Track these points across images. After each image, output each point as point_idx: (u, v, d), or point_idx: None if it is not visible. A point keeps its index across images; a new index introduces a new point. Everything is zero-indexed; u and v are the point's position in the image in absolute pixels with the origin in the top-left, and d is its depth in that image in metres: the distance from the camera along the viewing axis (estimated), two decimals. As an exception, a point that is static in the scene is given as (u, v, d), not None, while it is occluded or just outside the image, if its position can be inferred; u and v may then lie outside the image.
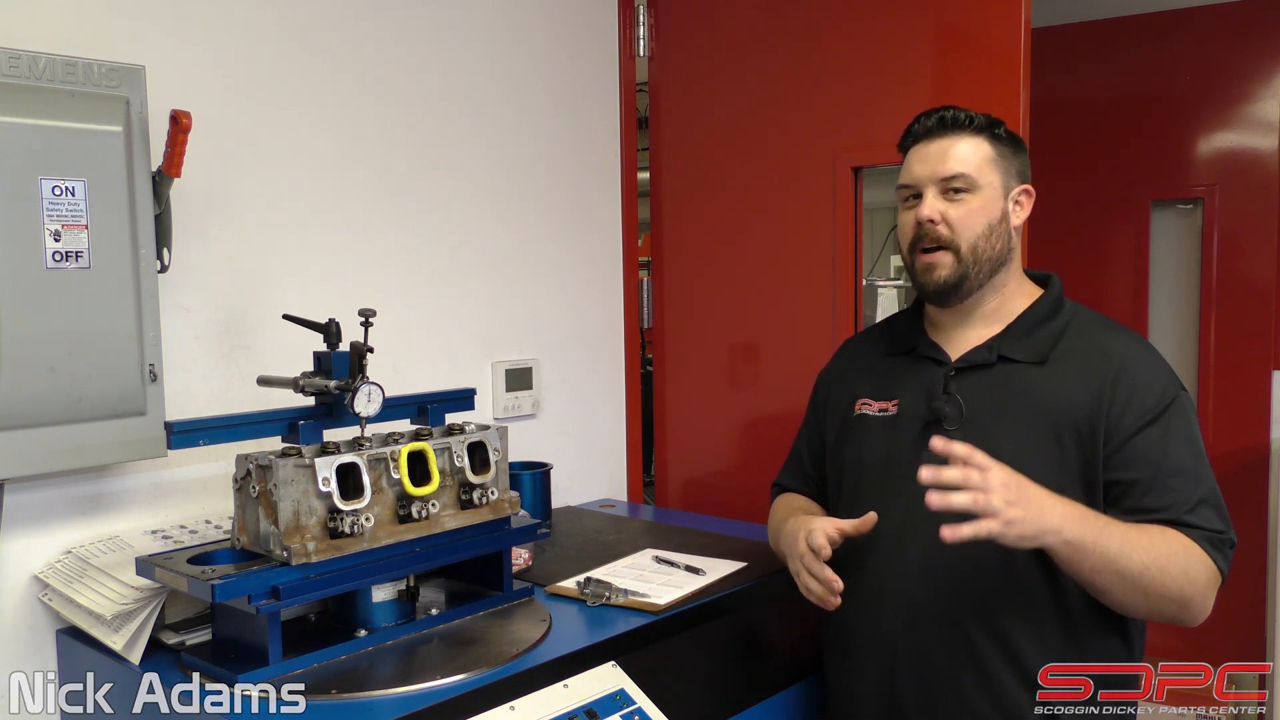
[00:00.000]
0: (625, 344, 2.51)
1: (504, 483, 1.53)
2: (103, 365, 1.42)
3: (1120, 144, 3.20)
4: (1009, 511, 1.17)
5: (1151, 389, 1.36)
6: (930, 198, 1.42)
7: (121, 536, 1.56)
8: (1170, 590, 1.26)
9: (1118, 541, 1.24)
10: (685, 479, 2.53)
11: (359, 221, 1.91)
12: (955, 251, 1.41)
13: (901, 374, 1.51)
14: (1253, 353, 3.01)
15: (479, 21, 2.13)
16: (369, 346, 1.43)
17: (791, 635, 1.73)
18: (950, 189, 1.41)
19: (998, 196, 1.42)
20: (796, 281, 2.26)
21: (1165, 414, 1.35)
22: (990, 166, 1.42)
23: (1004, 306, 1.46)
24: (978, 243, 1.40)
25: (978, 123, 1.43)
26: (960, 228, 1.40)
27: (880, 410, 1.51)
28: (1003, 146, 1.44)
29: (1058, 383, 1.38)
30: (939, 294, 1.44)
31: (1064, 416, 1.36)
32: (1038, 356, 1.40)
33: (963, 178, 1.41)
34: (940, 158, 1.42)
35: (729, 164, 2.37)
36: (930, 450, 1.23)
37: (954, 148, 1.42)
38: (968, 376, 1.44)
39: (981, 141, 1.43)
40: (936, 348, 1.49)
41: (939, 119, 1.44)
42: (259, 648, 1.29)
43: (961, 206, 1.41)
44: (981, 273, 1.42)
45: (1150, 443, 1.33)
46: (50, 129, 1.36)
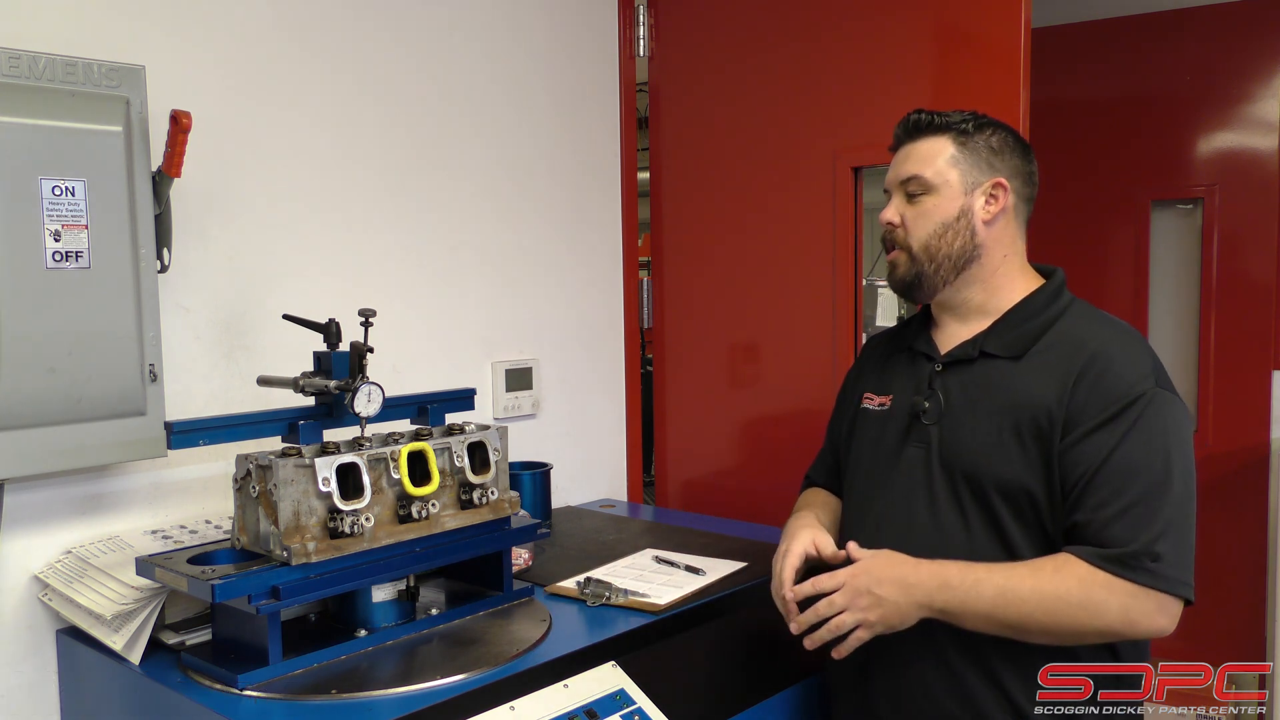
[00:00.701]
0: (625, 344, 2.51)
1: (504, 483, 1.53)
2: (103, 365, 1.42)
3: (1120, 144, 3.20)
4: (867, 615, 1.33)
5: (1121, 381, 1.31)
6: (894, 200, 1.48)
7: (121, 536, 1.56)
8: (1071, 626, 1.26)
9: (989, 598, 1.28)
10: (685, 479, 2.53)
11: (359, 221, 1.91)
12: (908, 251, 1.46)
13: (898, 370, 1.55)
14: (1253, 353, 3.01)
15: (479, 21, 2.13)
16: (369, 346, 1.43)
17: (791, 635, 1.73)
18: (908, 191, 1.46)
19: (955, 195, 1.43)
20: (796, 281, 2.26)
21: (1128, 410, 1.29)
22: (950, 165, 1.43)
23: (992, 301, 1.46)
24: (929, 242, 1.43)
25: (939, 123, 1.45)
26: (911, 228, 1.45)
27: (879, 405, 1.55)
28: (972, 142, 1.44)
29: (1031, 377, 1.37)
30: (901, 292, 1.50)
31: (1026, 411, 1.35)
32: (1015, 351, 1.40)
33: (916, 180, 1.44)
34: (902, 160, 1.48)
35: (729, 164, 2.37)
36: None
37: (915, 150, 1.46)
38: (952, 372, 1.46)
39: (944, 141, 1.44)
40: (930, 344, 1.51)
41: (904, 123, 1.49)
42: (259, 648, 1.29)
43: (916, 208, 1.45)
44: (941, 270, 1.44)
45: (1100, 442, 1.29)
46: (50, 129, 1.36)
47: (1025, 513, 1.35)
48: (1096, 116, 3.22)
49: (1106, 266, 3.28)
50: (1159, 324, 3.21)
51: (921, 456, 1.44)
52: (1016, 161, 1.46)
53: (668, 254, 2.52)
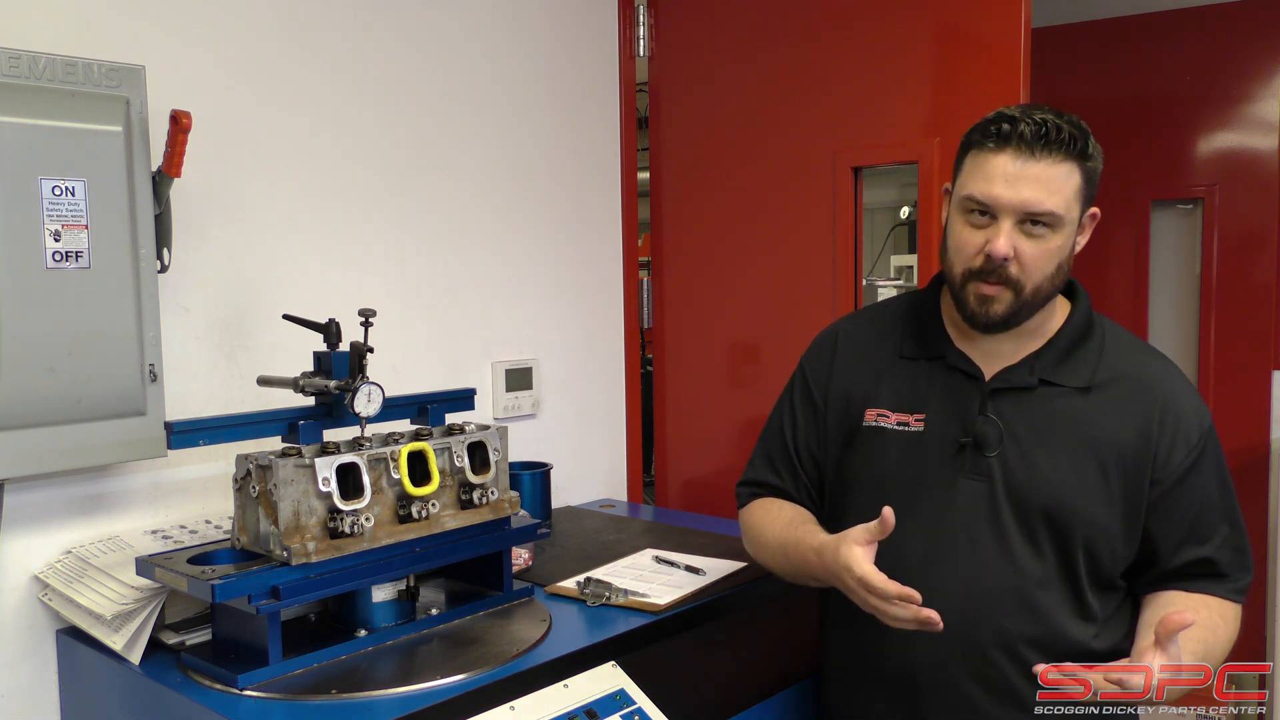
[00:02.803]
0: (625, 344, 2.51)
1: (504, 483, 1.53)
2: (103, 365, 1.42)
3: (1120, 144, 3.17)
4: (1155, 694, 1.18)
5: (1192, 424, 1.33)
6: (1008, 229, 1.25)
7: (121, 536, 1.56)
8: (1221, 658, 1.31)
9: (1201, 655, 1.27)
10: (685, 479, 2.53)
11: (359, 221, 1.91)
12: (1015, 290, 1.27)
13: (928, 386, 1.39)
14: (1253, 353, 3.01)
15: (479, 21, 2.13)
16: (369, 346, 1.43)
17: (791, 635, 1.73)
18: (1031, 221, 1.25)
19: (1074, 231, 1.29)
20: (796, 281, 2.26)
21: (1205, 448, 1.34)
22: (1077, 200, 1.27)
23: (1045, 324, 1.36)
24: (1043, 284, 1.28)
25: (1076, 146, 1.25)
26: (1031, 269, 1.26)
27: (900, 424, 1.39)
28: (1088, 168, 1.27)
29: (1102, 413, 1.33)
30: (989, 328, 1.32)
31: (1109, 450, 1.31)
32: (1081, 382, 1.34)
33: (1051, 216, 1.24)
34: (1034, 185, 1.23)
35: (729, 164, 2.37)
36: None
37: (1050, 177, 1.23)
38: (1004, 397, 1.34)
39: (1074, 170, 1.25)
40: (967, 360, 1.37)
41: (1040, 132, 1.23)
42: (259, 648, 1.29)
43: (1039, 245, 1.25)
44: (1037, 307, 1.31)
45: (1193, 484, 1.33)
46: (50, 129, 1.36)
47: (1101, 552, 1.32)
48: (1096, 116, 3.17)
49: (1106, 266, 3.28)
50: (1159, 324, 3.21)
51: (984, 490, 1.32)
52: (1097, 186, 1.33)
53: (668, 254, 2.52)
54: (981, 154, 1.27)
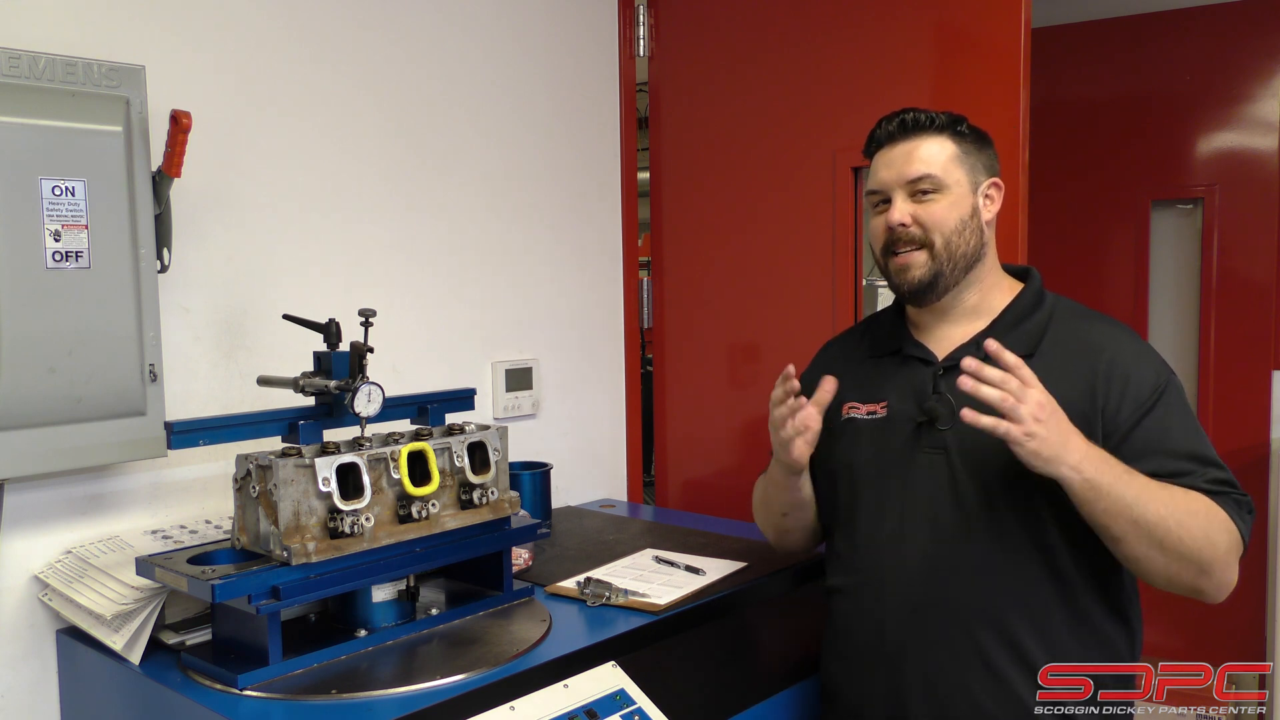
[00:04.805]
0: (625, 344, 2.51)
1: (504, 483, 1.53)
2: (103, 365, 1.42)
3: (1120, 144, 3.20)
4: (1033, 425, 1.23)
5: (1144, 379, 1.36)
6: (899, 201, 1.43)
7: (121, 536, 1.56)
8: (1189, 549, 1.27)
9: (1136, 489, 1.26)
10: (685, 479, 2.53)
11: (359, 221, 1.91)
12: (929, 248, 1.42)
13: (888, 375, 1.51)
14: (1253, 353, 3.01)
15: (479, 22, 2.13)
16: (369, 346, 1.43)
17: (791, 635, 1.73)
18: (918, 190, 1.42)
19: (966, 193, 1.43)
20: (796, 281, 2.26)
21: (1161, 400, 1.35)
22: (955, 164, 1.43)
23: (984, 302, 1.47)
24: (951, 238, 1.41)
25: (939, 122, 1.44)
26: (932, 225, 1.41)
27: (869, 413, 1.51)
28: (966, 143, 1.45)
29: (1047, 377, 1.34)
30: (915, 293, 1.45)
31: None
32: (1025, 350, 1.39)
33: (929, 179, 1.42)
34: (905, 160, 1.43)
35: (729, 164, 2.37)
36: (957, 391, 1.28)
37: (918, 149, 1.43)
38: (955, 375, 1.39)
39: (945, 140, 1.43)
40: (922, 347, 1.49)
41: (900, 122, 1.45)
42: (259, 648, 1.29)
43: (931, 206, 1.42)
44: (956, 269, 1.43)
45: (1150, 431, 1.34)
46: (50, 129, 1.36)
47: (1067, 507, 1.31)
48: (1096, 116, 3.22)
49: (1106, 266, 3.28)
50: (1159, 324, 3.21)
51: (943, 463, 1.41)
52: (997, 162, 1.49)
53: (668, 254, 2.52)
54: (871, 160, 1.49)
